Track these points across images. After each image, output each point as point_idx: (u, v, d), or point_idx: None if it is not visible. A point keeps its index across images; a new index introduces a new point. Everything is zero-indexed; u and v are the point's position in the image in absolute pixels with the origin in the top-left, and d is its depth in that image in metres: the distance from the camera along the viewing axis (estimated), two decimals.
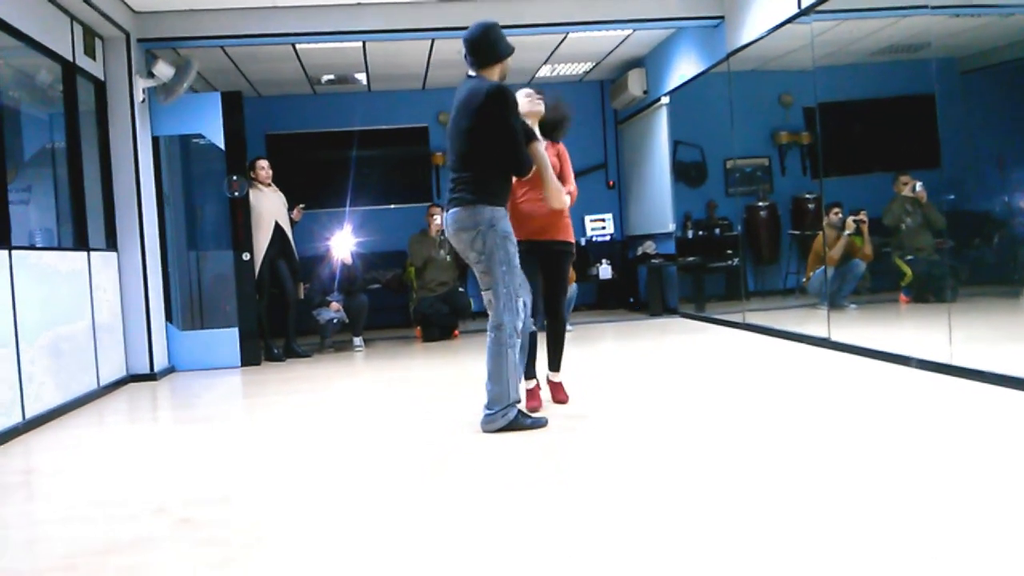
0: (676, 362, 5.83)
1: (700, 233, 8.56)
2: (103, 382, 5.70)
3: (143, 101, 6.50)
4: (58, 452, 4.03)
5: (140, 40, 6.56)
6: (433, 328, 7.85)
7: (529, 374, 4.16)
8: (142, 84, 6.46)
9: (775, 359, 5.53)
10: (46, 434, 4.42)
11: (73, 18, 5.65)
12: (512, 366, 3.71)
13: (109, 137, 6.26)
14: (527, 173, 3.81)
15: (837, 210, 6.70)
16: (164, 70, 6.48)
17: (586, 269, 9.52)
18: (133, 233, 6.32)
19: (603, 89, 10.34)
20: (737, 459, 3.08)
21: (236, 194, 6.84)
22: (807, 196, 7.22)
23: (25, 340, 4.51)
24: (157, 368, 6.42)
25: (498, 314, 3.68)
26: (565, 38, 8.07)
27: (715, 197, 8.47)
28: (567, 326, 7.76)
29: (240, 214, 6.87)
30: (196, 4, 6.50)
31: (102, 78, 6.22)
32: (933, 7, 4.85)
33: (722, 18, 7.12)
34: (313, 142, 9.85)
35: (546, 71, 9.49)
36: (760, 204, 7.79)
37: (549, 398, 4.27)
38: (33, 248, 5.35)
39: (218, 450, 3.91)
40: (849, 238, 6.73)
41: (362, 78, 9.28)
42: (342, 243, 7.57)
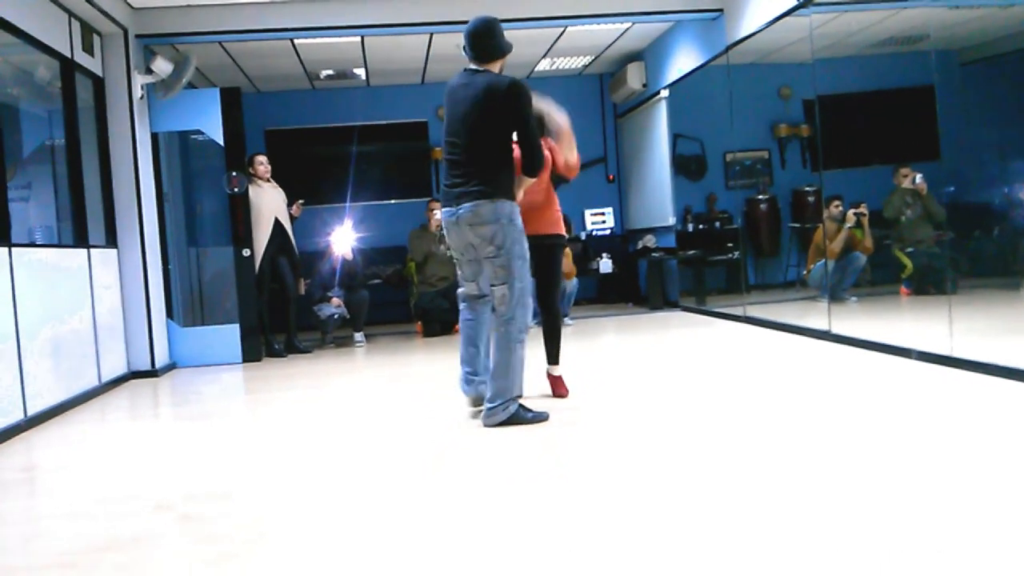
0: (677, 356, 5.83)
1: (700, 227, 8.55)
2: (104, 379, 5.71)
3: (142, 97, 6.49)
4: (59, 449, 4.03)
5: (138, 36, 6.56)
6: (434, 323, 7.85)
7: None
8: (141, 80, 6.45)
9: (776, 352, 5.53)
10: (48, 431, 4.43)
11: (71, 14, 5.64)
12: (519, 361, 3.73)
13: (108, 134, 6.26)
14: (539, 171, 3.82)
15: (837, 203, 6.70)
16: (162, 66, 6.47)
17: (586, 263, 9.52)
18: (133, 230, 6.32)
19: (602, 83, 10.33)
20: (739, 452, 3.08)
21: (236, 190, 6.84)
22: (807, 189, 7.22)
23: (26, 337, 4.52)
24: (158, 364, 6.43)
25: (511, 308, 3.70)
26: (564, 32, 8.06)
27: (715, 190, 8.46)
28: (567, 320, 7.87)
29: (240, 210, 6.87)
30: (194, 0, 6.49)
31: (100, 74, 6.22)
32: None
33: (721, 11, 7.11)
34: (312, 137, 9.82)
35: (545, 65, 9.47)
36: (760, 197, 7.78)
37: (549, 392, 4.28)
38: (33, 245, 5.35)
39: (219, 446, 3.92)
40: (849, 231, 6.73)
41: (361, 73, 9.27)
42: (342, 238, 7.55)
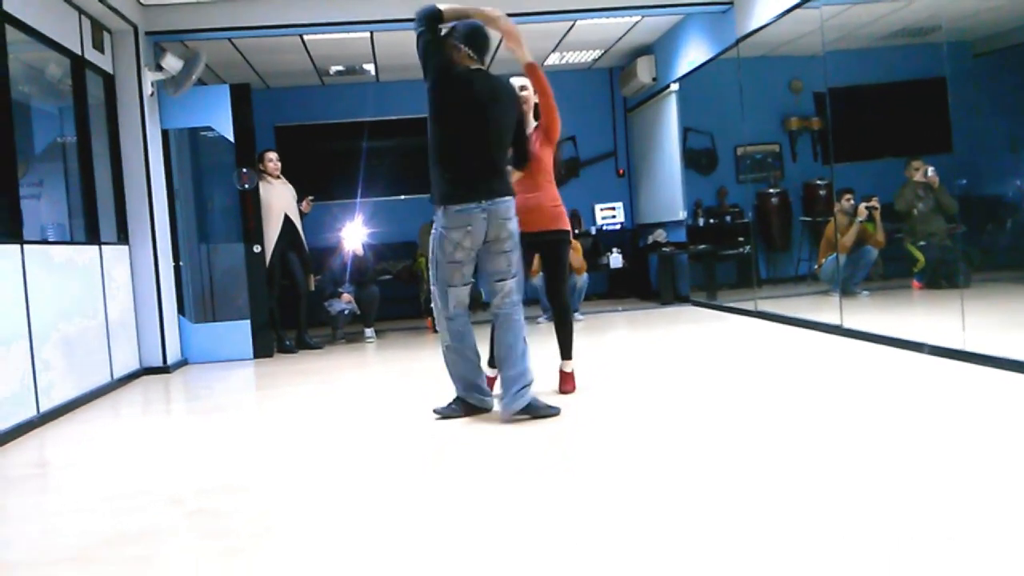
0: (687, 350, 5.81)
1: (711, 221, 8.51)
2: (117, 375, 5.74)
3: (152, 94, 6.51)
4: (72, 445, 4.06)
5: (148, 33, 6.58)
6: None
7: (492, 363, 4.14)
8: (151, 77, 6.48)
9: (787, 347, 5.50)
10: (60, 427, 4.46)
11: (81, 12, 5.67)
12: (528, 347, 3.81)
13: (119, 131, 6.28)
14: (525, 166, 4.04)
15: (849, 196, 6.66)
16: (172, 63, 6.49)
17: (597, 258, 9.51)
18: (144, 226, 6.35)
19: (612, 76, 10.29)
20: (749, 446, 3.07)
21: (246, 186, 6.86)
22: (818, 182, 7.18)
23: (38, 334, 4.55)
24: (170, 361, 6.47)
25: (520, 296, 3.86)
26: (573, 25, 8.03)
27: (726, 184, 8.42)
28: (577, 315, 7.85)
29: (251, 206, 6.89)
30: None
31: (111, 71, 6.24)
32: None
33: (731, 3, 7.07)
34: (322, 133, 9.84)
35: (555, 59, 9.45)
36: (771, 191, 7.74)
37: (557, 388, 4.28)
38: (45, 242, 5.39)
39: (230, 442, 3.93)
40: (861, 224, 6.68)
41: (370, 68, 9.27)
42: (353, 234, 7.57)
